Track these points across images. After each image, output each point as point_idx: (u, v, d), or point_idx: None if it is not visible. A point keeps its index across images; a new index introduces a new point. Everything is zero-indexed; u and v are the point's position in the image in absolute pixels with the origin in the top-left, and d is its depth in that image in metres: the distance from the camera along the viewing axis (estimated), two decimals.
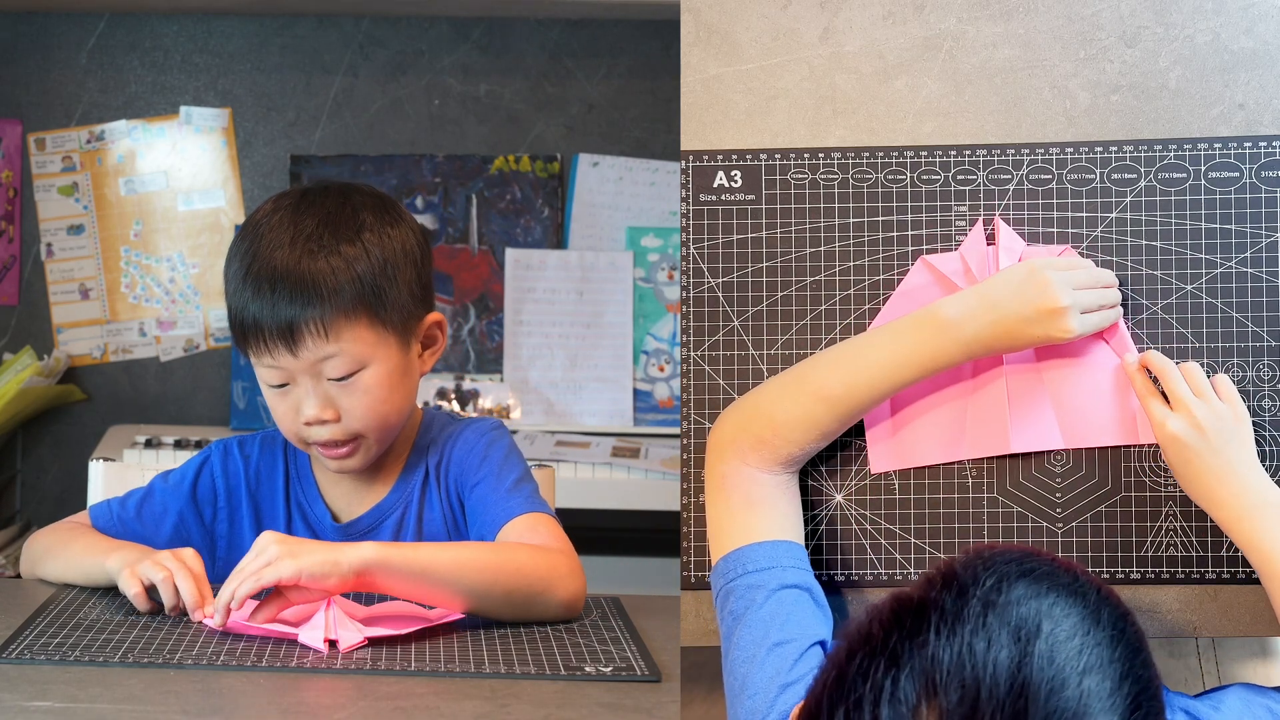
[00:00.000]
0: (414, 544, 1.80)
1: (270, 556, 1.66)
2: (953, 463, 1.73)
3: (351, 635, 1.67)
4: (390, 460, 1.94)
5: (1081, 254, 1.74)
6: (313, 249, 1.83)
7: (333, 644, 1.66)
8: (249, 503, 1.95)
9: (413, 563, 1.70)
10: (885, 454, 1.74)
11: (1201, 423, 1.62)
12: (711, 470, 1.68)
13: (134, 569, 1.76)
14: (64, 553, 1.89)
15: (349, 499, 1.95)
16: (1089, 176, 1.75)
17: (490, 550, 1.79)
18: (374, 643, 1.67)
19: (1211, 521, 1.70)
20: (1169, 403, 1.65)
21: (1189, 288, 1.73)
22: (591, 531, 3.32)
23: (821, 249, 1.77)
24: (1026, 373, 1.71)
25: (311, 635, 1.66)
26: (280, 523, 1.93)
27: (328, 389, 1.84)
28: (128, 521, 1.93)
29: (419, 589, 1.72)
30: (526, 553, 1.78)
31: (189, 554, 1.78)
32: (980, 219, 1.74)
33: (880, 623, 1.22)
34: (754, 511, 1.66)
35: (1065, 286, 1.64)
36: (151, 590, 1.76)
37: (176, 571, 1.74)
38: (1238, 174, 1.74)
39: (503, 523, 1.85)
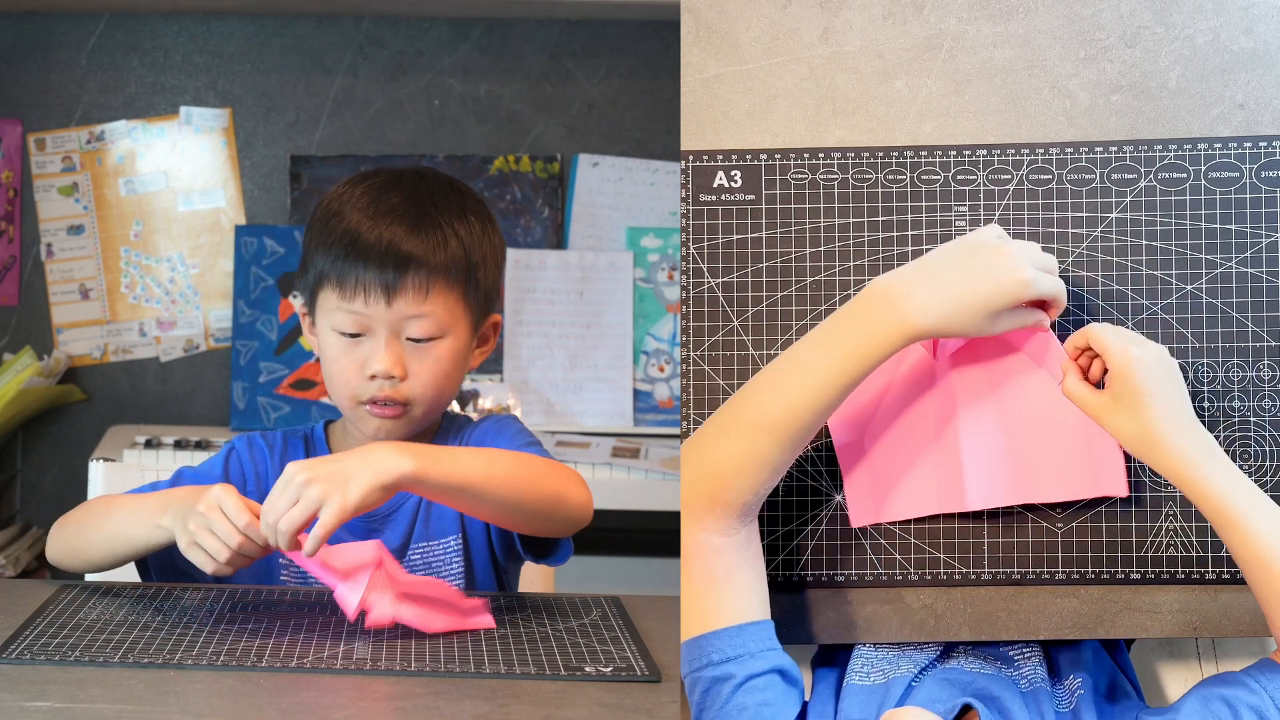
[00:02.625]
0: (449, 454, 1.77)
1: (310, 499, 1.63)
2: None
3: (385, 610, 1.67)
4: None
5: (1082, 254, 1.75)
6: (429, 213, 1.88)
7: (363, 613, 1.66)
8: None
9: (450, 476, 1.71)
10: (864, 510, 1.74)
11: (1153, 354, 1.60)
12: (681, 536, 1.65)
13: (190, 542, 1.71)
14: (109, 521, 1.82)
15: None
16: (1089, 176, 1.75)
17: (513, 458, 1.81)
18: (379, 639, 1.67)
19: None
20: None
21: (1189, 288, 1.73)
22: (591, 531, 3.32)
23: (821, 249, 1.77)
24: (985, 423, 1.70)
25: (350, 594, 1.67)
26: None
27: (403, 347, 1.87)
28: None
29: (453, 501, 1.76)
30: (541, 464, 1.81)
31: (225, 498, 1.70)
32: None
33: None
34: (715, 590, 1.62)
35: (1007, 238, 1.62)
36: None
37: (226, 537, 1.69)
38: (1238, 174, 1.74)
39: None
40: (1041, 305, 1.64)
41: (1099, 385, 1.64)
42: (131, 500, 1.84)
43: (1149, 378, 1.58)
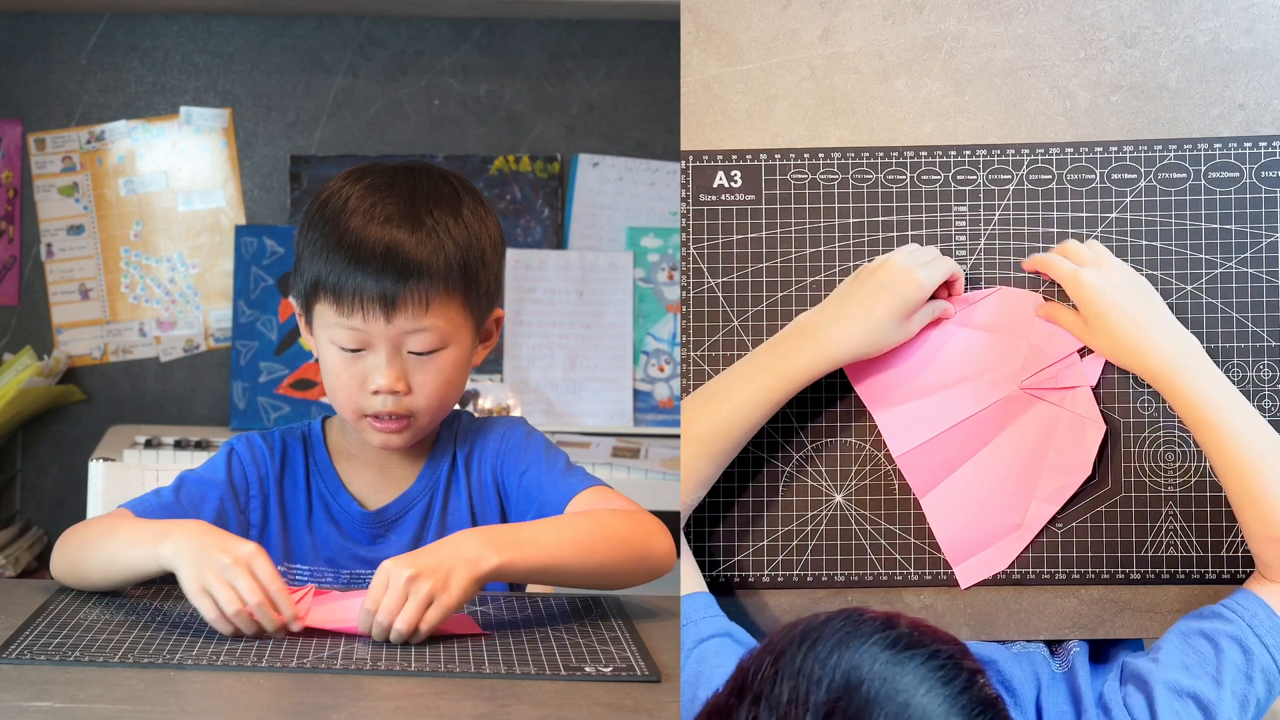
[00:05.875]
0: (528, 532, 1.79)
1: (420, 596, 1.64)
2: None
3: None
4: (416, 448, 1.94)
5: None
6: (423, 220, 1.84)
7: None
8: (276, 494, 1.92)
9: (535, 561, 1.74)
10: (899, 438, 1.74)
11: (1113, 273, 1.67)
12: None
13: (201, 586, 1.66)
14: (108, 544, 1.79)
15: (375, 487, 1.94)
16: (1089, 176, 1.75)
17: (592, 524, 1.81)
18: (374, 642, 1.67)
19: (1211, 521, 1.70)
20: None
21: (1189, 288, 1.73)
22: None
23: (821, 249, 1.77)
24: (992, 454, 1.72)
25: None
26: (302, 515, 1.92)
27: (405, 361, 1.84)
28: (169, 509, 1.86)
29: (541, 580, 1.78)
30: (620, 518, 1.81)
31: (256, 559, 1.68)
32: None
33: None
34: None
35: (899, 254, 1.70)
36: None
37: (247, 594, 1.66)
38: (1238, 174, 1.74)
39: (567, 499, 1.87)
40: (946, 287, 1.73)
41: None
42: (134, 525, 1.81)
43: (1103, 297, 1.66)
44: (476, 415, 2.04)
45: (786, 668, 1.23)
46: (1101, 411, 1.71)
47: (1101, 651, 1.74)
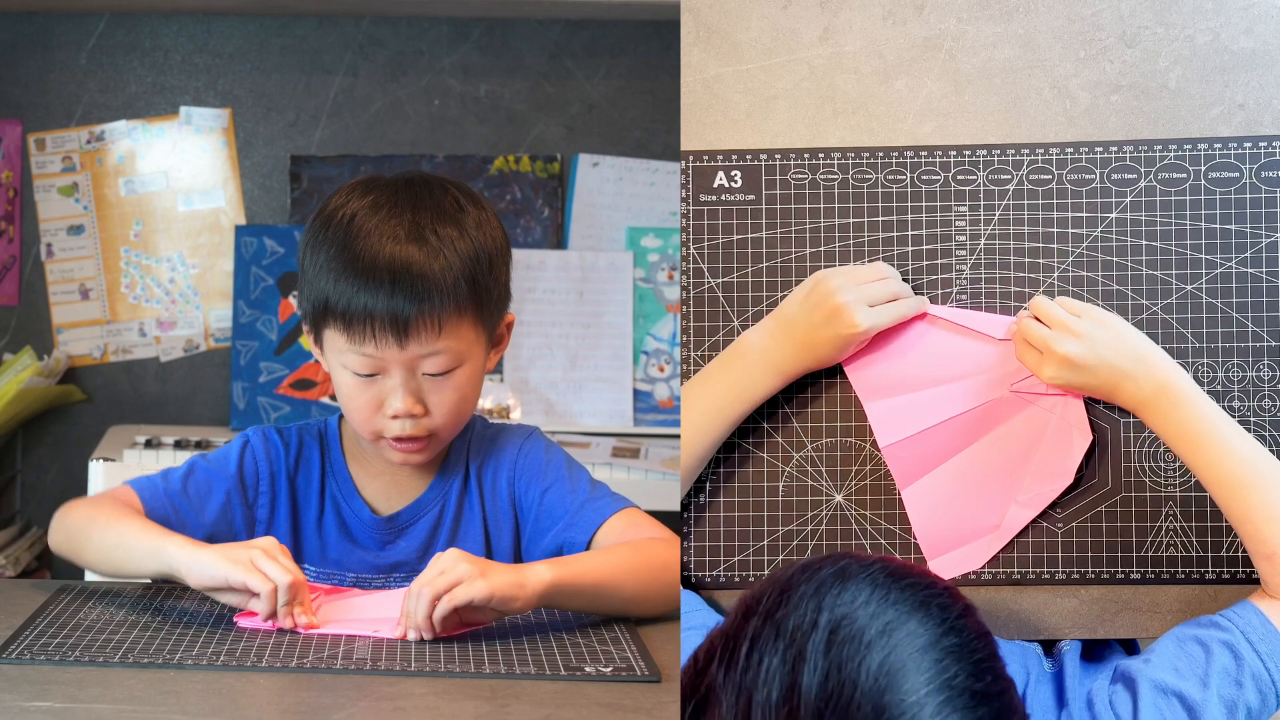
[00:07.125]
0: (578, 558, 1.82)
1: (460, 574, 1.67)
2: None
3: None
4: None
5: (1082, 254, 1.75)
6: (430, 241, 1.82)
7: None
8: (288, 491, 1.92)
9: (585, 579, 1.76)
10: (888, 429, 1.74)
11: (1081, 332, 1.64)
12: None
13: (249, 560, 1.70)
14: (115, 528, 1.80)
15: (387, 492, 1.94)
16: (1089, 176, 1.75)
17: (635, 553, 1.82)
18: (375, 642, 1.67)
19: (1212, 521, 1.70)
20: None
21: (1189, 288, 1.73)
22: None
23: (821, 249, 1.77)
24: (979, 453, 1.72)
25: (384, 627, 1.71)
26: (313, 515, 1.92)
27: (421, 383, 1.84)
28: (174, 495, 1.88)
29: (591, 604, 1.79)
30: (660, 547, 1.82)
31: (283, 555, 1.73)
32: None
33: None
34: None
35: (847, 287, 1.69)
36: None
37: (287, 578, 1.70)
38: (1238, 174, 1.74)
39: (598, 523, 1.87)
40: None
41: None
42: (144, 521, 1.82)
43: (1071, 382, 1.65)
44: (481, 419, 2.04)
45: (791, 594, 1.30)
46: (1101, 410, 1.72)
47: (1096, 652, 1.75)
